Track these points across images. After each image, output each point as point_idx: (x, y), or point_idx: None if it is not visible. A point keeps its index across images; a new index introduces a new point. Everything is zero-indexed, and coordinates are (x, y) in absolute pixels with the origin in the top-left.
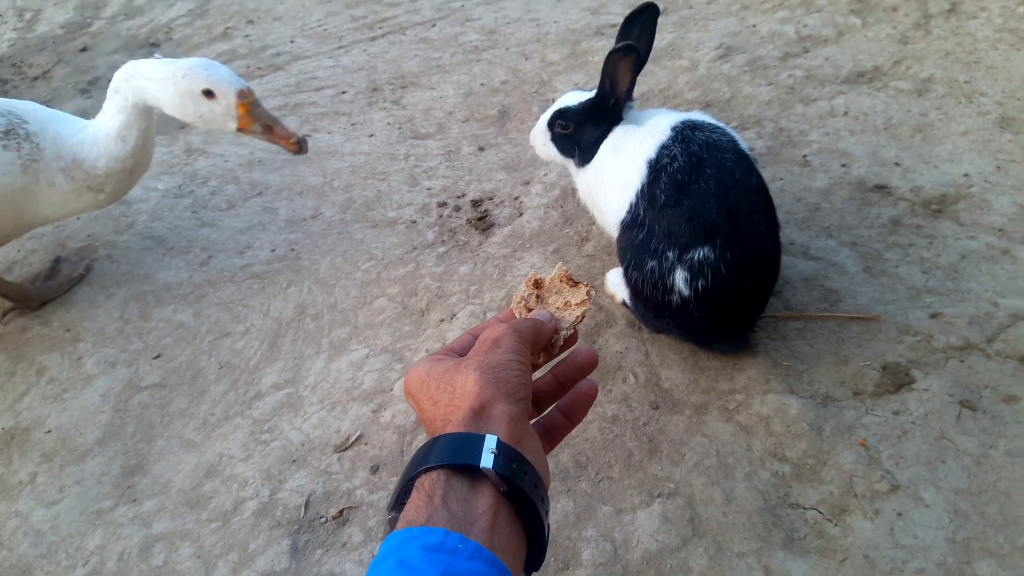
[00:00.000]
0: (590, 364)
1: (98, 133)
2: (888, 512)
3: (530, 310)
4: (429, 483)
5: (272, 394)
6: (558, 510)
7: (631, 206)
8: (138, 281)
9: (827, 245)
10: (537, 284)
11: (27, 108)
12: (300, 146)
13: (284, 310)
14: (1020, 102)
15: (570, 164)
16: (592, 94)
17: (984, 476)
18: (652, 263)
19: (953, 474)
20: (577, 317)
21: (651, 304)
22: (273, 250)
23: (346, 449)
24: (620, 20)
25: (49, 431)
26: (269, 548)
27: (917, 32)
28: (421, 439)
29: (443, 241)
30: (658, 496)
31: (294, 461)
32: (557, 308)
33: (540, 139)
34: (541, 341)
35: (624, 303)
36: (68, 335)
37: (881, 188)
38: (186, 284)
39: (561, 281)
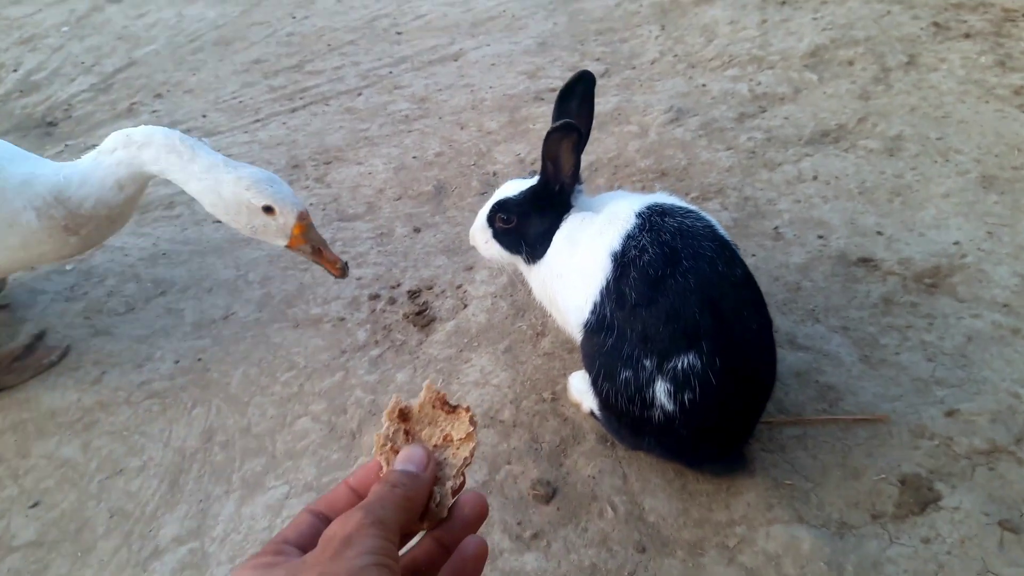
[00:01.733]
0: (479, 517)
1: (90, 175)
2: None
3: (398, 452)
4: None
5: (172, 550)
6: None
7: (595, 306)
8: (16, 406)
9: (815, 331)
10: (403, 415)
11: None
12: (344, 271)
13: (188, 437)
14: (999, 159)
15: (518, 261)
16: (534, 181)
17: None
18: (626, 373)
19: None
20: (464, 459)
21: (627, 420)
22: (177, 361)
23: None
24: (559, 84)
25: None
26: None
27: (878, 87)
28: None
29: (376, 342)
30: None
31: None
32: (435, 445)
33: (481, 237)
34: (414, 513)
35: (592, 413)
36: None
37: (866, 261)
38: (74, 408)
39: (434, 407)
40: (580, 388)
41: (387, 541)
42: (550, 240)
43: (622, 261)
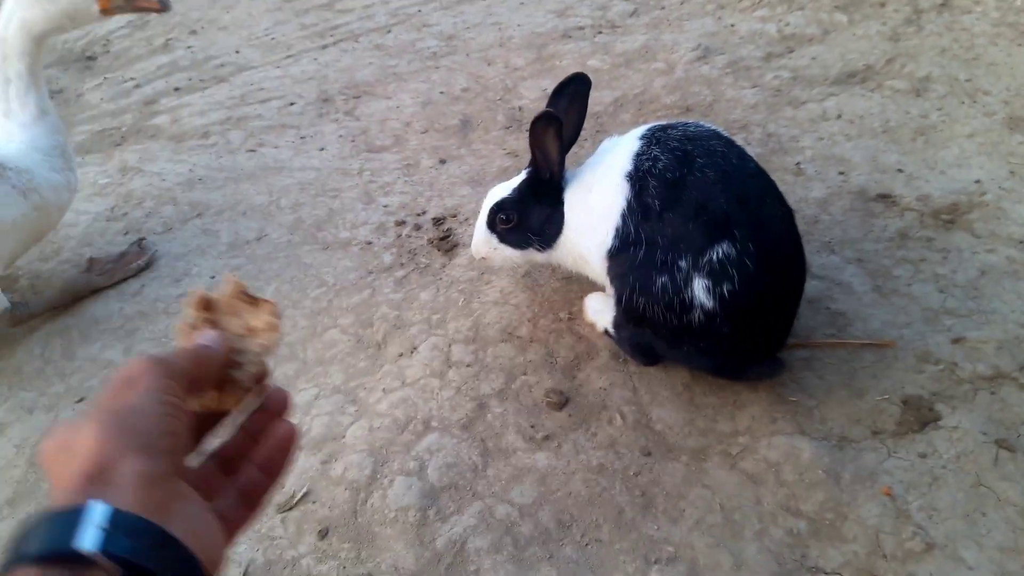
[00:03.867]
0: (281, 403)
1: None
2: None
3: None
4: None
5: (208, 439)
6: None
7: (617, 230)
8: (61, 314)
9: (830, 262)
10: (207, 305)
11: None
12: (165, 5)
13: None
14: None
15: (532, 254)
16: (521, 177)
17: None
18: (662, 279)
19: (996, 529)
20: (263, 346)
21: (665, 332)
22: (213, 277)
23: (291, 509)
24: (588, 23)
25: None
26: None
27: (908, 28)
28: (377, 496)
29: (402, 264)
30: (655, 562)
31: None
32: (238, 336)
33: (486, 246)
34: (204, 371)
35: (607, 332)
36: None
37: (885, 197)
38: (116, 317)
39: (237, 299)
40: (596, 308)
41: (170, 381)
42: (556, 222)
43: (637, 176)
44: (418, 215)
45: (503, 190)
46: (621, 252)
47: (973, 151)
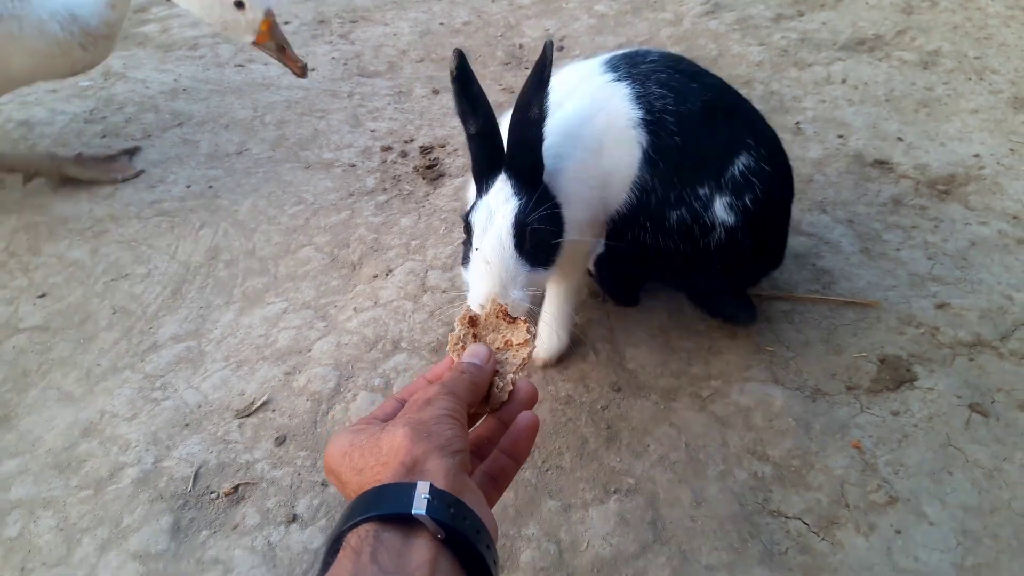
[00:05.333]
0: (530, 399)
1: None
2: (885, 528)
3: None
4: (356, 540)
5: (170, 347)
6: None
7: (635, 182)
8: (31, 211)
9: (820, 220)
10: (472, 322)
11: None
12: (304, 71)
13: (194, 253)
14: None
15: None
16: (509, 202)
17: (998, 493)
18: (677, 213)
19: (961, 488)
20: (521, 360)
21: (676, 262)
22: (189, 186)
23: (249, 415)
24: None
25: None
26: (146, 524)
27: (923, 3)
28: (339, 408)
29: (384, 189)
30: (615, 492)
31: (187, 425)
32: (498, 348)
33: (520, 294)
34: (479, 391)
35: (589, 272)
36: None
37: (882, 163)
38: (85, 218)
39: (497, 317)
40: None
41: (458, 404)
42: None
43: (653, 118)
44: (406, 142)
45: (504, 208)
46: (635, 205)
47: (975, 126)
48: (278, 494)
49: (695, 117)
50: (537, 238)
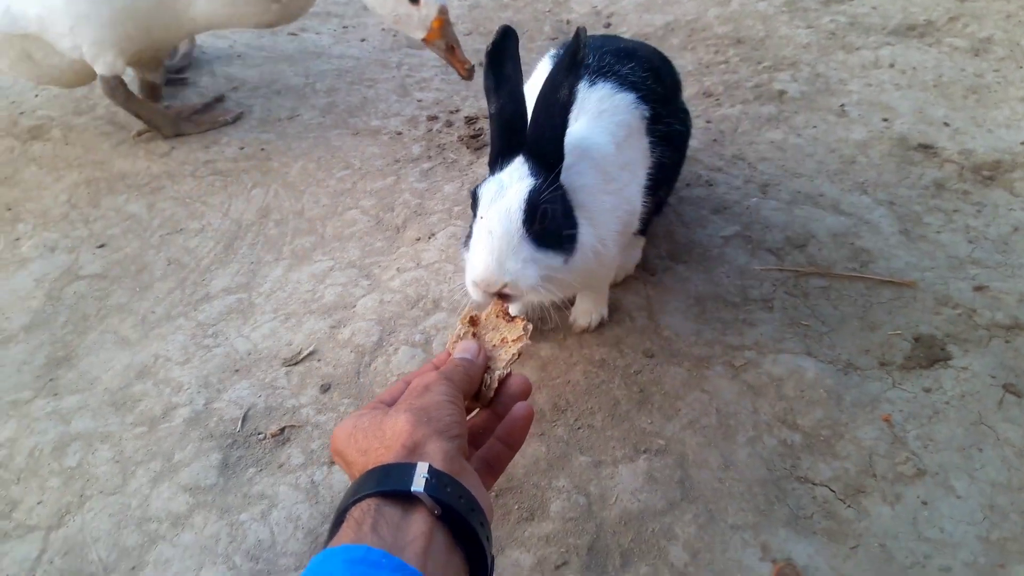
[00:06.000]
0: (523, 392)
1: None
2: (911, 499)
3: None
4: (359, 513)
5: (221, 298)
6: (528, 454)
7: (653, 165)
8: (91, 167)
9: (861, 201)
10: (473, 321)
11: None
12: (470, 74)
13: (246, 212)
14: None
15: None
16: (517, 167)
17: None
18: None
19: (991, 465)
20: (513, 355)
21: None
22: (242, 148)
23: (296, 364)
24: None
25: None
26: (196, 460)
27: None
28: (381, 361)
29: (429, 157)
30: (644, 452)
31: (237, 371)
32: (494, 345)
33: (531, 271)
34: (473, 383)
35: None
36: (8, 214)
37: (926, 148)
38: (143, 174)
39: (497, 317)
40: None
41: (456, 390)
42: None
43: (643, 96)
44: (451, 112)
45: (517, 187)
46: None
47: None
48: (322, 437)
49: (658, 77)
50: (548, 219)
